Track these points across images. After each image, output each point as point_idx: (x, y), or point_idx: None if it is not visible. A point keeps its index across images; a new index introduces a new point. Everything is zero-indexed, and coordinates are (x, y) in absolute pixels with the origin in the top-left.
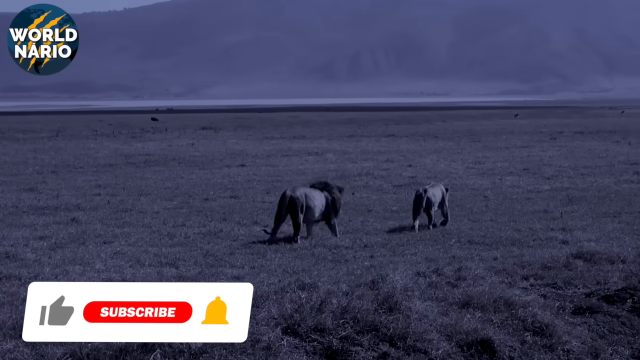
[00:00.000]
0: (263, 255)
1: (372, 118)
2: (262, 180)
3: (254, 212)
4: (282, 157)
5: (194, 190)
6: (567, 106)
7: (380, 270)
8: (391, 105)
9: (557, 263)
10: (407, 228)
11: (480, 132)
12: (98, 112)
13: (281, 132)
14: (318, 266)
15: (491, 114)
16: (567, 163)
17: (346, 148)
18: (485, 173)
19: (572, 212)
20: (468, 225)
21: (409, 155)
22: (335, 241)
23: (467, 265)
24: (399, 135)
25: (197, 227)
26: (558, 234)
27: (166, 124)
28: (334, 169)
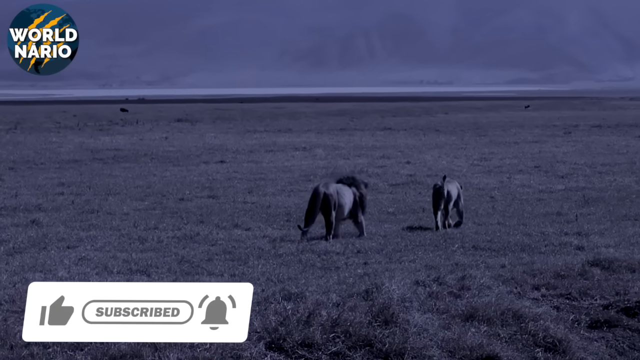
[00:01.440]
0: (244, 262)
1: (366, 109)
2: (243, 178)
3: (234, 213)
4: (265, 153)
5: (168, 190)
6: (583, 97)
7: (375, 279)
8: (387, 95)
9: (571, 271)
10: (406, 231)
11: (487, 126)
12: (61, 102)
13: (265, 125)
14: (306, 274)
15: (499, 105)
16: (583, 160)
17: (337, 143)
18: (492, 171)
19: (589, 215)
20: (473, 229)
21: (407, 150)
22: (324, 246)
23: (471, 273)
24: (396, 128)
25: (171, 230)
26: (573, 239)
27: (137, 115)
28: (324, 165)
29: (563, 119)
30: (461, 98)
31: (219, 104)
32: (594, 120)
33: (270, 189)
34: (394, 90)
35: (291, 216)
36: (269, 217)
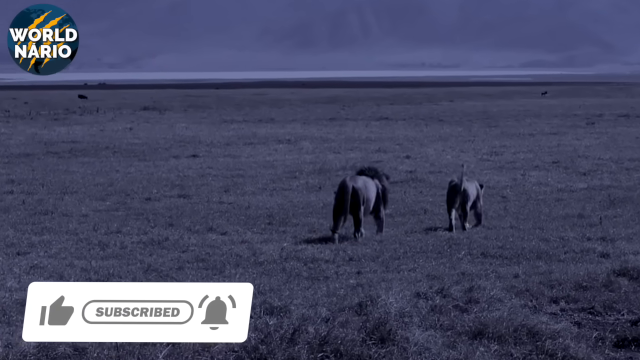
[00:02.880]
0: (220, 271)
1: (359, 96)
2: (219, 175)
3: (208, 215)
4: (244, 146)
5: (133, 188)
6: (608, 82)
7: (370, 291)
8: (384, 80)
9: (595, 282)
10: (405, 236)
11: (498, 115)
12: (10, 88)
13: (244, 114)
14: (290, 285)
15: (512, 91)
16: (609, 155)
17: (326, 134)
18: (504, 167)
19: (615, 217)
20: (482, 234)
21: (407, 143)
22: (312, 253)
23: (480, 284)
24: (394, 118)
25: (136, 234)
26: (596, 244)
27: (97, 102)
28: (311, 160)
29: (585, 107)
30: (469, 83)
31: (191, 90)
32: (621, 108)
33: (249, 188)
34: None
35: (273, 218)
36: (248, 219)
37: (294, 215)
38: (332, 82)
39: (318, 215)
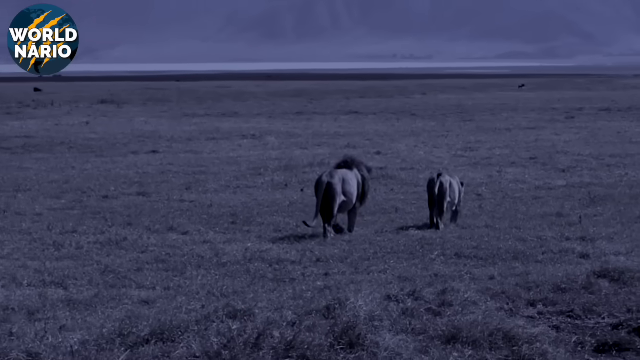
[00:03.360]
0: (181, 272)
1: (328, 89)
2: (180, 171)
3: (169, 214)
4: (207, 142)
5: (89, 185)
6: (589, 74)
7: (338, 293)
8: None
9: (574, 284)
10: (375, 235)
11: (473, 109)
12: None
13: (206, 108)
14: (255, 287)
15: (487, 84)
16: (589, 150)
17: (293, 129)
18: (479, 163)
19: (595, 216)
20: (455, 233)
21: (377, 139)
22: (277, 254)
23: (453, 286)
24: (364, 112)
25: (92, 234)
26: (576, 245)
27: (52, 96)
28: (277, 156)
29: (565, 100)
30: (442, 76)
31: (151, 83)
32: (602, 102)
33: (212, 185)
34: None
35: (237, 217)
36: (210, 218)
37: (258, 214)
38: (299, 74)
39: (284, 214)
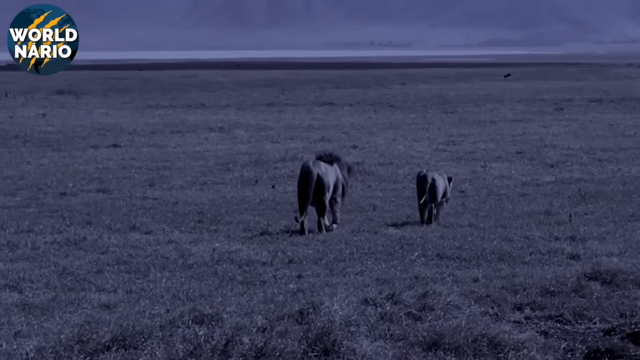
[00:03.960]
0: (144, 275)
1: (301, 79)
2: (143, 167)
3: (131, 212)
4: (171, 135)
5: (46, 182)
6: (579, 63)
7: (312, 297)
8: (328, 61)
9: (563, 287)
10: (351, 235)
11: (455, 100)
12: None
13: (171, 99)
14: (223, 290)
15: (471, 73)
16: (579, 144)
17: (264, 122)
18: (462, 158)
19: (586, 214)
20: (437, 232)
21: (354, 132)
22: (247, 254)
23: (435, 289)
24: (340, 103)
25: (49, 233)
26: (565, 245)
27: (6, 85)
28: (246, 151)
29: (553, 91)
30: (423, 64)
31: (112, 72)
32: (593, 93)
33: (177, 181)
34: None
35: (204, 216)
36: (175, 216)
37: (227, 212)
38: (270, 62)
39: (254, 212)
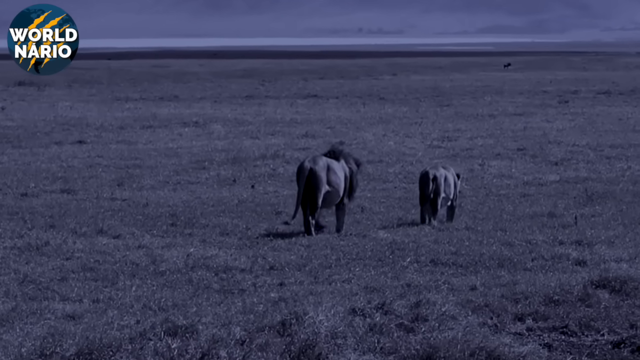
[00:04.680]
0: (112, 282)
1: (283, 69)
2: (111, 165)
3: (98, 214)
4: (142, 130)
5: (5, 181)
6: (585, 52)
7: (295, 306)
8: (313, 50)
9: (569, 295)
10: (338, 239)
11: (451, 92)
12: None
13: (141, 91)
14: (198, 299)
15: (468, 63)
16: (585, 140)
17: (242, 116)
18: (459, 155)
19: (593, 217)
20: (431, 236)
21: (340, 127)
22: (224, 260)
23: (429, 298)
24: (325, 95)
25: (9, 238)
26: (571, 250)
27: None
28: (224, 147)
29: (557, 82)
30: (415, 53)
31: (77, 61)
32: (601, 84)
33: (148, 181)
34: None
35: (177, 218)
36: (146, 219)
37: (202, 214)
38: (249, 51)
39: (232, 214)
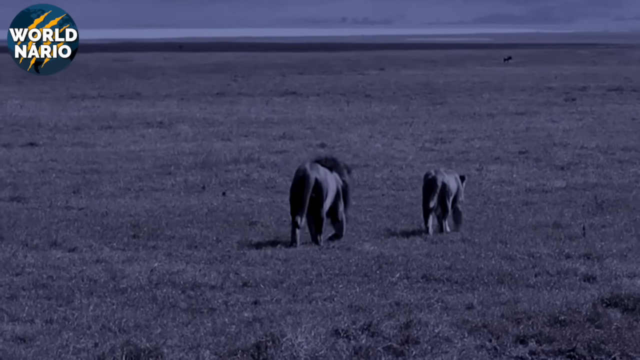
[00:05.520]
0: (67, 301)
1: (258, 63)
2: (66, 170)
3: (51, 225)
4: (100, 131)
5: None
6: (594, 44)
7: (271, 327)
8: (291, 42)
9: (576, 315)
10: (319, 252)
11: (445, 89)
12: None
13: (99, 88)
14: (163, 319)
15: (464, 56)
16: (595, 142)
17: (212, 115)
18: (454, 159)
19: (603, 227)
20: (423, 249)
21: (321, 127)
22: (192, 276)
23: (420, 318)
24: (304, 92)
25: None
26: (578, 264)
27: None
28: (191, 150)
29: (563, 78)
30: (405, 45)
31: None
32: (612, 80)
33: (107, 187)
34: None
35: (140, 229)
36: (105, 230)
37: (168, 225)
38: (220, 43)
39: (201, 224)
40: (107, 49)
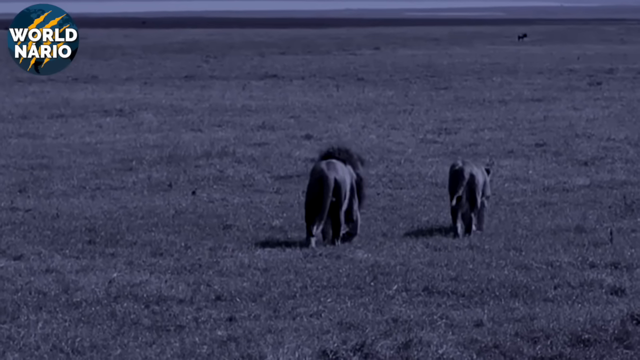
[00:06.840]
0: (13, 317)
1: (233, 41)
2: (10, 165)
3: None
4: (50, 120)
5: None
6: (622, 19)
7: (249, 348)
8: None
9: (602, 333)
10: (304, 261)
11: (450, 71)
12: None
13: None
14: (123, 338)
15: (471, 34)
16: (623, 133)
17: (180, 102)
18: (460, 152)
19: (633, 232)
20: (424, 257)
21: (307, 116)
22: (157, 288)
23: (422, 337)
24: (287, 75)
25: None
26: (604, 274)
27: None
28: (156, 142)
29: (587, 58)
30: (404, 21)
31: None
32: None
33: (59, 186)
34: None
35: (97, 234)
36: (56, 235)
37: (129, 229)
38: (189, 18)
39: (167, 228)
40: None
